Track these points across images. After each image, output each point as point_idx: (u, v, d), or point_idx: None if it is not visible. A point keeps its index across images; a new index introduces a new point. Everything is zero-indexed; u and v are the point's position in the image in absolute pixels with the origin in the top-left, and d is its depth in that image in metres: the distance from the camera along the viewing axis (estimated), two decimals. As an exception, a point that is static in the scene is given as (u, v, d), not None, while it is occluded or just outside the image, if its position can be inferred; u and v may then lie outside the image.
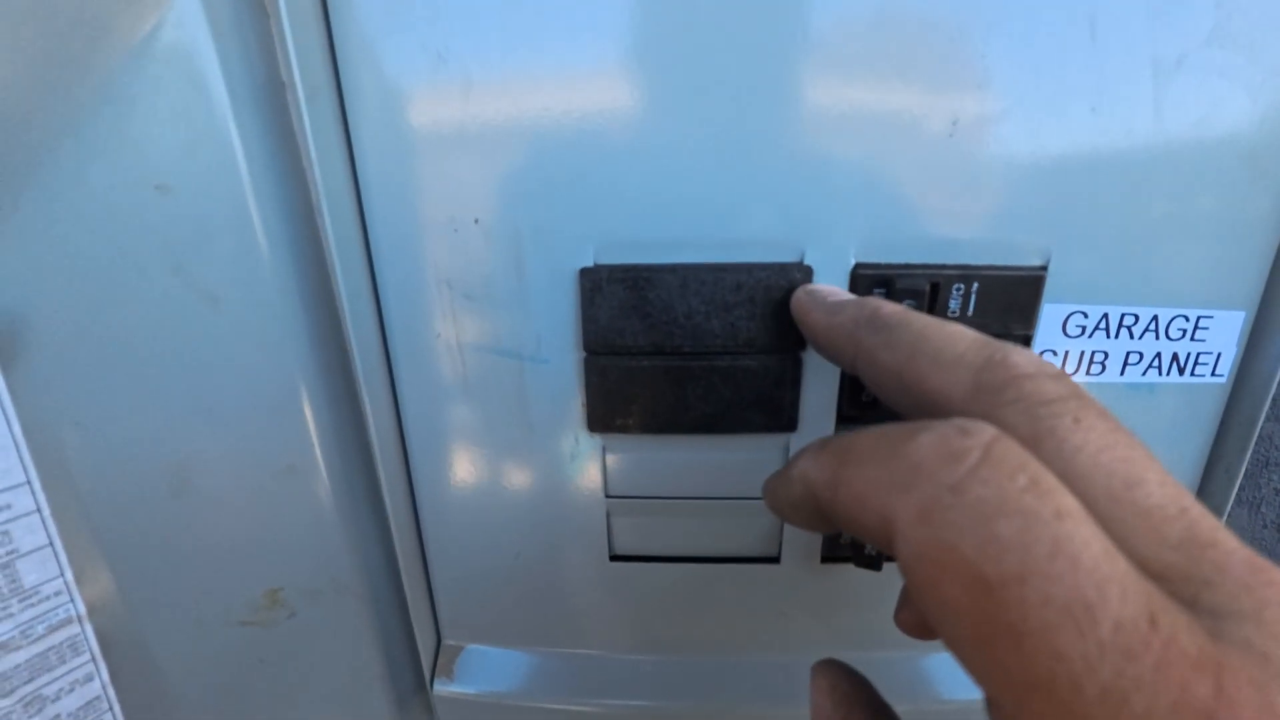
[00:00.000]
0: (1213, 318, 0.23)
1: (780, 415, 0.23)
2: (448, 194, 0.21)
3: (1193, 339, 0.23)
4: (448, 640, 0.29)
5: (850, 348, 0.17)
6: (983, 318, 0.22)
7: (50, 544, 0.20)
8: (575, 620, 0.28)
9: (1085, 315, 0.22)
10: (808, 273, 0.21)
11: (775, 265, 0.21)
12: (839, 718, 0.16)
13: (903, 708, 0.16)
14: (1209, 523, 0.11)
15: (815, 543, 0.26)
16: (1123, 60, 0.19)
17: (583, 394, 0.24)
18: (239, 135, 0.19)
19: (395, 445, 0.25)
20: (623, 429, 0.24)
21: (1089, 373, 0.23)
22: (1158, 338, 0.23)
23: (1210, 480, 0.25)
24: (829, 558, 0.26)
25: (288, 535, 0.24)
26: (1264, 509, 0.31)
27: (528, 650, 0.29)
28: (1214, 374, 0.24)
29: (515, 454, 0.25)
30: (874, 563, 0.25)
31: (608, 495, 0.25)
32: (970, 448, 0.11)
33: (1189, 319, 0.23)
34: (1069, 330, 0.23)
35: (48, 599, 0.20)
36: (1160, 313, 0.23)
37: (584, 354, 0.23)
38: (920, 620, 0.17)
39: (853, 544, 0.26)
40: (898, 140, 0.20)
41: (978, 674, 0.11)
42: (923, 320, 0.16)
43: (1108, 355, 0.23)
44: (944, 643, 0.12)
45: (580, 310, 0.22)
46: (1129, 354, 0.23)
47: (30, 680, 0.20)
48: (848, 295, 0.20)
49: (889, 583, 0.26)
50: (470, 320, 0.23)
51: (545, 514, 0.26)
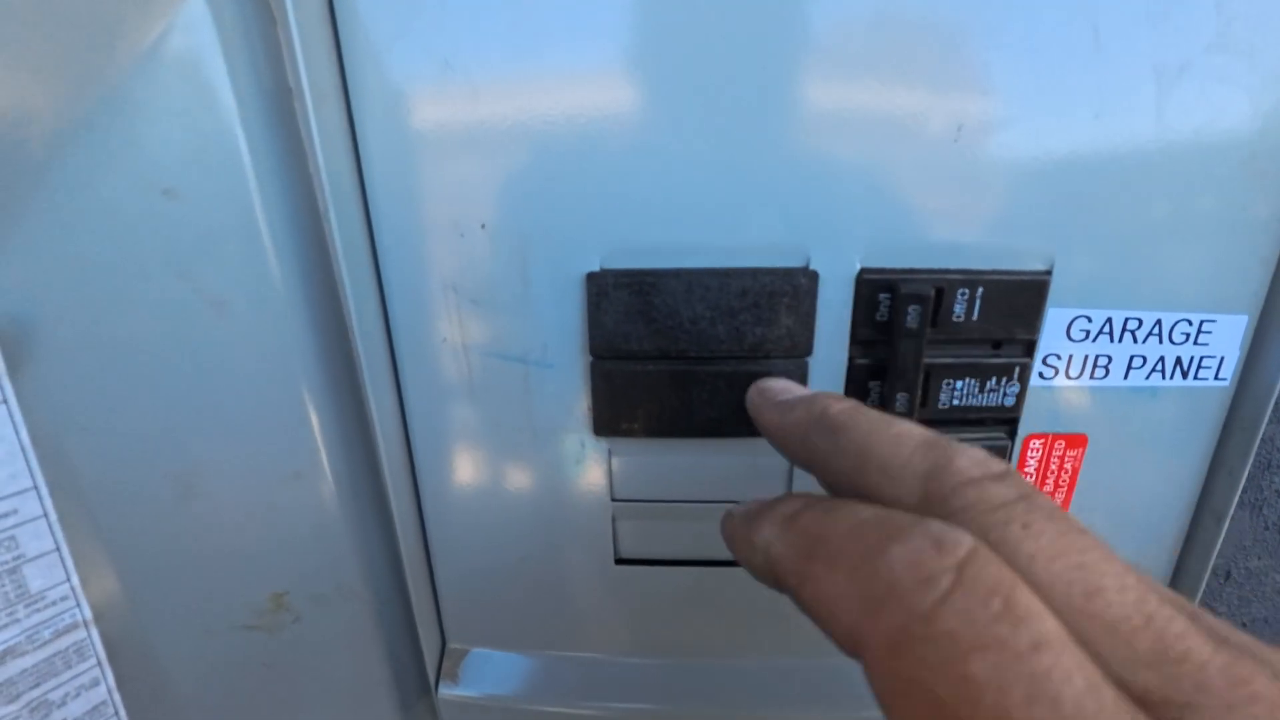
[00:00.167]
0: (1216, 322, 0.23)
1: (785, 419, 0.23)
2: (454, 199, 0.21)
3: (1196, 343, 0.23)
4: (452, 644, 0.29)
5: (803, 451, 0.17)
6: (987, 322, 0.22)
7: (57, 549, 0.20)
8: (580, 624, 0.28)
9: (1089, 319, 0.23)
10: (813, 278, 0.21)
11: (781, 270, 0.21)
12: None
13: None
14: (1178, 627, 0.11)
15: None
16: (1126, 66, 0.20)
17: (588, 398, 0.24)
18: (246, 140, 0.19)
19: (401, 449, 0.25)
20: (628, 433, 0.24)
21: (1093, 377, 0.23)
22: (1161, 342, 0.23)
23: (1213, 484, 0.26)
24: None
25: (293, 540, 0.24)
26: (1265, 511, 0.31)
27: (533, 654, 0.29)
28: (1217, 378, 0.24)
29: (520, 458, 0.25)
30: None
31: (613, 499, 0.25)
32: (943, 570, 0.11)
33: (1192, 323, 0.23)
34: (1073, 334, 0.23)
35: (54, 604, 0.20)
36: (1164, 317, 0.23)
37: (590, 358, 0.23)
38: None
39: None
40: (903, 145, 0.20)
41: None
42: (869, 422, 0.16)
43: (1111, 359, 0.23)
44: None
45: (586, 315, 0.22)
46: (1132, 358, 0.23)
47: (36, 686, 0.20)
48: (799, 391, 0.20)
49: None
50: (476, 325, 0.23)
51: (551, 518, 0.26)
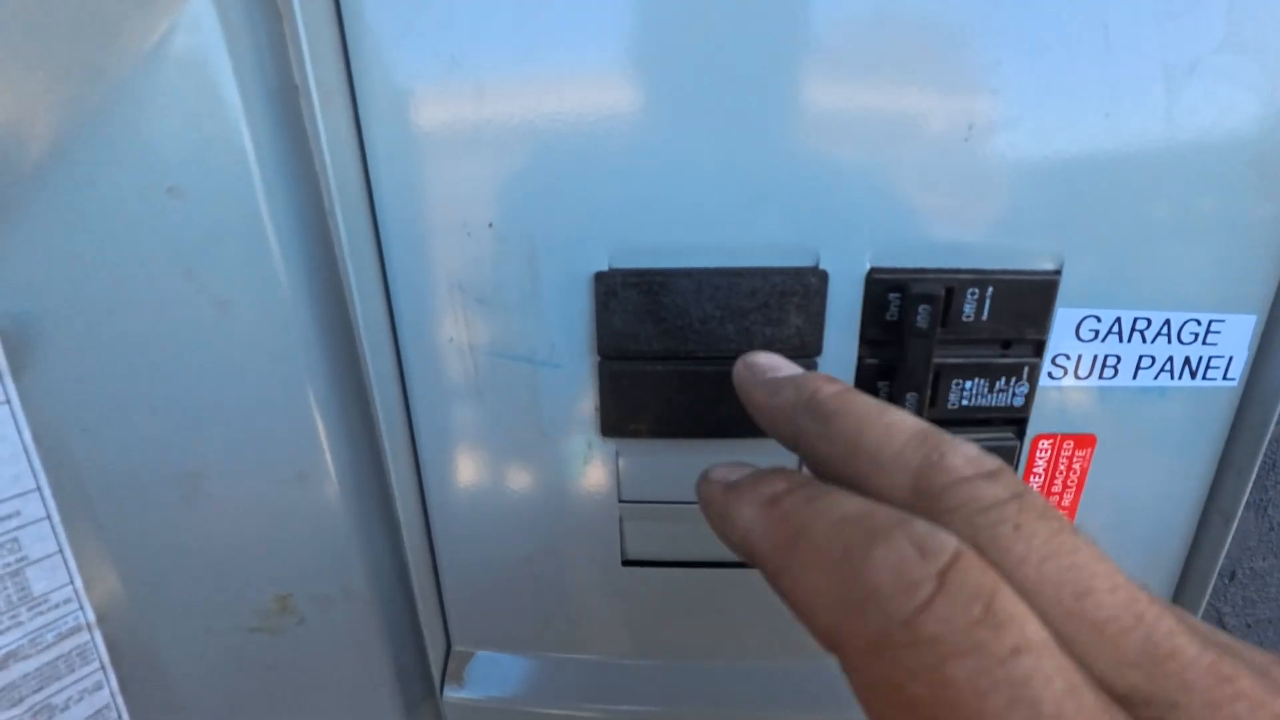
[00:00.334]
0: (1224, 321, 0.23)
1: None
2: (461, 198, 0.21)
3: (1204, 343, 0.23)
4: (457, 646, 0.29)
5: (791, 433, 0.17)
6: (997, 322, 0.22)
7: (60, 551, 0.20)
8: (587, 626, 0.28)
9: (1098, 319, 0.23)
10: (823, 277, 0.21)
11: (790, 270, 0.21)
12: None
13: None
14: (1166, 626, 0.11)
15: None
16: (1136, 66, 0.19)
17: (596, 399, 0.23)
18: (251, 139, 0.19)
19: (406, 450, 0.25)
20: (636, 434, 0.23)
21: (1102, 376, 0.23)
22: (1170, 342, 0.23)
23: (1221, 484, 0.25)
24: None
25: (298, 541, 0.24)
26: (1270, 511, 0.31)
27: (538, 656, 0.29)
28: (1225, 378, 0.24)
29: (527, 459, 0.25)
30: None
31: (620, 500, 0.25)
32: (926, 576, 0.11)
33: (1201, 323, 0.23)
34: (1082, 334, 0.23)
35: (57, 607, 0.20)
36: (1172, 317, 0.23)
37: (598, 358, 0.23)
38: None
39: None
40: (913, 145, 0.20)
41: None
42: (862, 408, 0.15)
43: (1120, 359, 0.23)
44: None
45: (594, 315, 0.22)
46: (1141, 358, 0.23)
47: (39, 689, 0.20)
48: (789, 369, 0.19)
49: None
50: (483, 324, 0.23)
51: (557, 519, 0.26)
